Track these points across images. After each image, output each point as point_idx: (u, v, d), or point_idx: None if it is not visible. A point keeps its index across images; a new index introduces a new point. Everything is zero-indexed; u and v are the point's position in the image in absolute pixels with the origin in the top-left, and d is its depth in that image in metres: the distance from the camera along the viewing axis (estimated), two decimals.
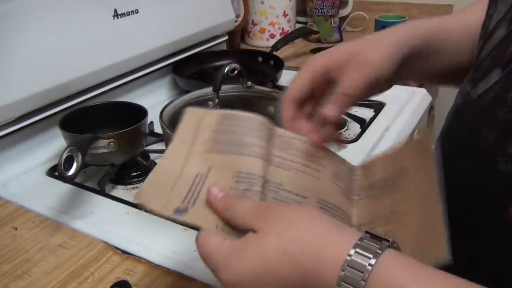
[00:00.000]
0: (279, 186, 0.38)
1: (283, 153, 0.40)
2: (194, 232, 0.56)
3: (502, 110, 0.32)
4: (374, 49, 0.40)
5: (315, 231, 0.29)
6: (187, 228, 0.58)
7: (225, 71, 0.55)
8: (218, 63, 1.04)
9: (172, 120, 0.56)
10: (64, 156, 0.55)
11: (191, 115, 0.42)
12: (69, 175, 0.55)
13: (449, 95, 0.59)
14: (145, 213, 0.61)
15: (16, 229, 0.58)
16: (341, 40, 1.30)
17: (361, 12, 1.34)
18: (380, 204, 0.38)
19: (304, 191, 0.38)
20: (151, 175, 0.38)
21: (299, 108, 0.42)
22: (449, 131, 0.41)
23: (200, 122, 0.42)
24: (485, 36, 0.37)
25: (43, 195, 0.65)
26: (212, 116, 0.42)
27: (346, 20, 1.36)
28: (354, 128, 0.83)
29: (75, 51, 0.75)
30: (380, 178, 0.40)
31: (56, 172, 0.70)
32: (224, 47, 1.15)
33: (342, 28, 1.32)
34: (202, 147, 0.40)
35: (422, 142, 0.37)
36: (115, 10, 0.81)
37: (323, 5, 1.26)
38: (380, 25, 1.11)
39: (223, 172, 0.38)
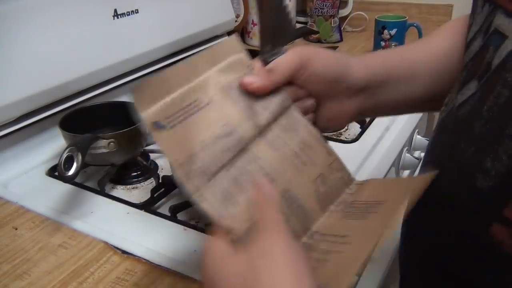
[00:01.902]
0: (256, 160, 0.37)
1: (282, 133, 0.39)
2: (194, 231, 0.57)
3: (477, 123, 0.31)
4: (324, 56, 0.41)
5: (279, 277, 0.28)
6: (187, 228, 0.58)
7: None
8: None
9: None
10: (64, 156, 0.55)
11: (230, 43, 0.41)
12: (69, 175, 0.55)
13: None
14: (145, 213, 0.61)
15: (16, 229, 0.58)
16: (341, 40, 1.30)
17: (361, 12, 1.34)
18: (343, 223, 0.36)
19: (276, 174, 0.37)
20: (156, 77, 0.37)
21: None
22: (433, 145, 0.40)
23: (232, 55, 0.40)
24: (465, 48, 0.36)
25: (43, 195, 0.65)
26: (247, 62, 0.41)
27: (346, 20, 1.36)
28: (354, 128, 0.83)
29: (75, 51, 0.75)
30: (363, 201, 0.38)
31: (56, 172, 0.70)
32: None
33: (342, 28, 1.32)
34: (216, 78, 0.39)
35: (420, 181, 0.33)
36: (115, 10, 0.81)
37: (323, 5, 1.26)
38: (380, 25, 1.11)
39: (218, 115, 0.37)
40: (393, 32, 1.09)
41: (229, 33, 1.13)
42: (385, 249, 0.62)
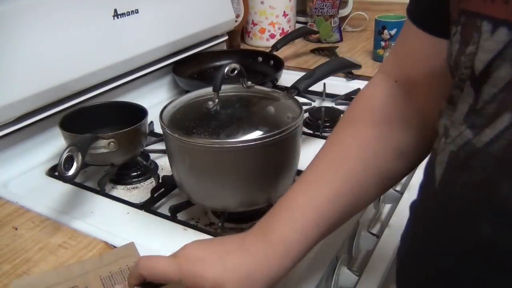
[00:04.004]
0: None
1: None
2: (194, 232, 0.57)
3: None
4: None
5: None
6: (187, 228, 0.58)
7: (225, 71, 0.55)
8: (218, 63, 1.04)
9: (172, 120, 0.56)
10: (64, 156, 0.55)
11: (127, 249, 0.51)
12: (69, 175, 0.55)
13: None
14: (145, 213, 0.61)
15: (16, 229, 0.58)
16: (341, 40, 1.30)
17: (361, 12, 1.34)
18: None
19: None
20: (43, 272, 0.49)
21: None
22: (448, 185, 0.35)
23: (123, 254, 0.50)
24: (475, 78, 0.31)
25: (43, 195, 0.65)
26: (134, 257, 0.50)
27: (346, 20, 1.36)
28: None
29: (75, 51, 0.75)
30: None
31: (56, 172, 0.70)
32: (224, 47, 1.15)
33: (342, 28, 1.32)
34: (100, 270, 0.49)
35: None
36: (115, 10, 0.81)
37: (323, 5, 1.26)
38: (380, 25, 1.10)
39: None
40: (393, 32, 1.09)
41: (229, 33, 1.13)
42: (385, 249, 0.62)
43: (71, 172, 0.55)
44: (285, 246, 0.41)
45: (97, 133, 0.63)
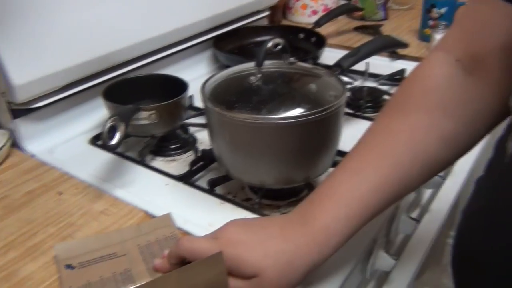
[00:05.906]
0: None
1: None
2: (231, 206, 0.57)
3: None
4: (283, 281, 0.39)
5: None
6: (224, 201, 0.58)
7: (269, 45, 0.54)
8: (258, 39, 1.02)
9: (213, 94, 0.56)
10: (108, 125, 0.56)
11: (163, 220, 0.54)
12: (113, 144, 0.56)
13: None
14: (184, 185, 0.61)
15: (61, 194, 0.60)
16: (385, 18, 1.25)
17: None
18: None
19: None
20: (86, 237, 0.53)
21: None
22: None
23: (160, 224, 0.53)
24: None
25: (86, 162, 0.67)
26: (172, 229, 0.52)
27: None
28: None
29: (116, 23, 0.76)
30: None
31: (98, 141, 0.72)
32: (265, 22, 1.13)
33: (387, 6, 1.27)
34: (139, 239, 0.51)
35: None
36: None
37: None
38: (429, 3, 1.06)
39: (126, 263, 0.48)
40: (443, 10, 1.04)
41: (270, 9, 1.11)
42: (424, 234, 0.61)
43: (114, 141, 0.56)
44: (326, 235, 0.40)
45: (139, 105, 0.64)
